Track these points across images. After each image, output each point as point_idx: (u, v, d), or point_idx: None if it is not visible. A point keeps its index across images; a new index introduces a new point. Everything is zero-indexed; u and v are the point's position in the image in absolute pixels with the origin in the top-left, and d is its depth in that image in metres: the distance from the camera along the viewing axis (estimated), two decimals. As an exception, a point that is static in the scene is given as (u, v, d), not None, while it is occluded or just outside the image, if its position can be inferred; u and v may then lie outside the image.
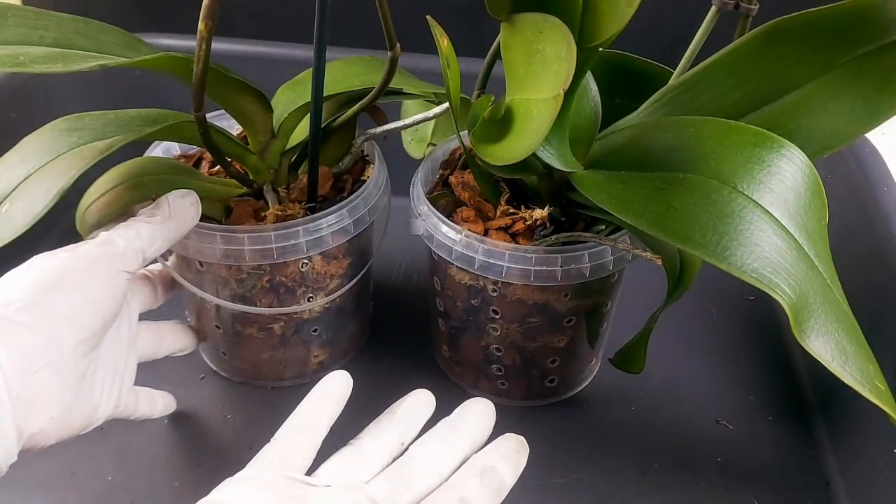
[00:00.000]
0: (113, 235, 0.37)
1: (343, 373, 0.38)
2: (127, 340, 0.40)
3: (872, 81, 0.37)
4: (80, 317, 0.34)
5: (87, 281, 0.35)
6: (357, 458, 0.35)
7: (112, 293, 0.36)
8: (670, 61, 0.45)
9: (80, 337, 0.34)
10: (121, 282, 0.37)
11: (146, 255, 0.38)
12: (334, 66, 0.49)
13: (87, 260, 0.36)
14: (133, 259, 0.37)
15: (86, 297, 0.35)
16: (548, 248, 0.43)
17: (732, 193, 0.33)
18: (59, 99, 0.65)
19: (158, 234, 0.39)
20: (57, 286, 0.34)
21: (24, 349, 0.32)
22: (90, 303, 0.35)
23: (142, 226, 0.38)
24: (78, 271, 0.35)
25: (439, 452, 0.35)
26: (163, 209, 0.39)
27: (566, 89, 0.34)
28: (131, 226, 0.38)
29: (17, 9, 0.37)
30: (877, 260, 0.51)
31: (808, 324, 0.31)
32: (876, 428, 0.46)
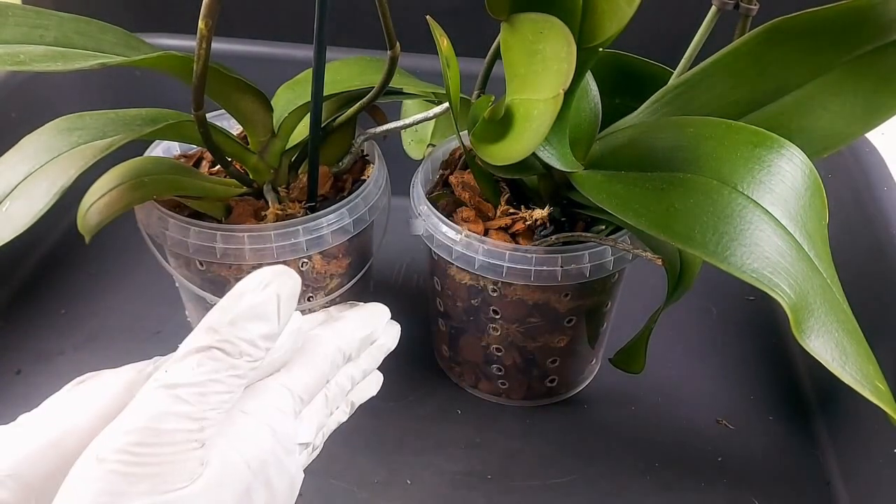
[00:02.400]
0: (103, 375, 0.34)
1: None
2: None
3: (872, 81, 0.37)
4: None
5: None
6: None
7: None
8: (670, 61, 0.45)
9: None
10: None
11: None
12: (334, 66, 0.49)
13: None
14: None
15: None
16: (548, 248, 0.43)
17: (733, 193, 0.33)
18: (59, 98, 0.65)
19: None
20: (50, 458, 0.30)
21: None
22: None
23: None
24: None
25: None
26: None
27: (566, 89, 0.34)
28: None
29: (18, 8, 0.37)
30: (877, 260, 0.51)
31: (808, 324, 0.31)
32: (876, 428, 0.46)
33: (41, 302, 0.59)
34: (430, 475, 0.48)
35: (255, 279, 0.31)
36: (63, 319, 0.57)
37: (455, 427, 0.51)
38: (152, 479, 0.27)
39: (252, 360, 0.30)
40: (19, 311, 0.58)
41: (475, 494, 0.47)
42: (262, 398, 0.31)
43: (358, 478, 0.47)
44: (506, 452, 0.49)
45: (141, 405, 0.28)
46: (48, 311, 0.58)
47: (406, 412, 0.52)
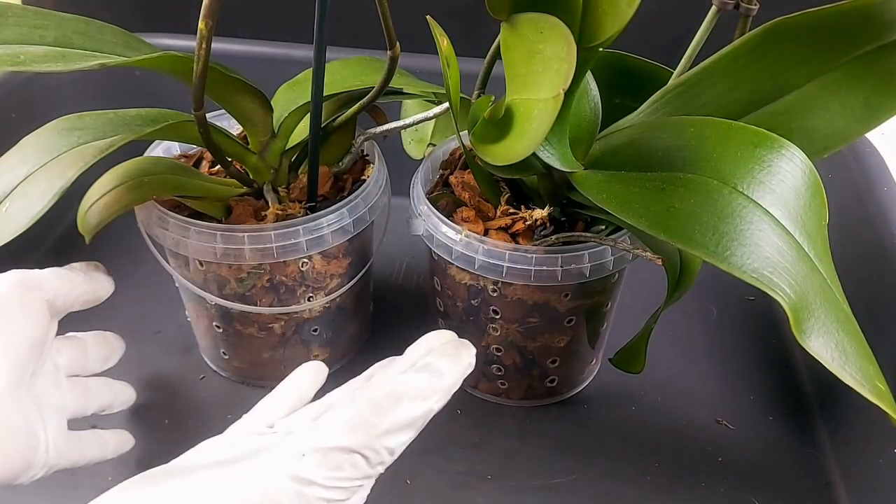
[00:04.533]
0: (26, 271, 0.38)
1: (317, 363, 0.38)
2: (56, 388, 0.39)
3: (872, 82, 0.37)
4: (4, 337, 0.34)
5: (5, 301, 0.35)
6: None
7: (33, 315, 0.36)
8: (670, 61, 0.45)
9: (8, 357, 0.34)
10: (41, 306, 0.37)
11: (58, 293, 0.38)
12: (334, 66, 0.49)
13: (9, 284, 0.36)
14: (49, 293, 0.37)
15: (5, 316, 0.35)
16: (548, 248, 0.43)
17: (733, 193, 0.33)
18: (59, 99, 0.65)
19: (74, 283, 0.39)
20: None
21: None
22: (12, 325, 0.35)
23: (55, 271, 0.39)
24: (5, 291, 0.36)
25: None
26: (78, 269, 0.41)
27: (566, 89, 0.33)
28: (49, 269, 0.39)
29: (18, 8, 0.37)
30: (877, 260, 0.51)
31: (808, 324, 0.31)
32: (876, 428, 0.46)
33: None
34: (430, 475, 0.48)
35: (415, 388, 0.30)
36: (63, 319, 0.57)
37: (455, 427, 0.51)
38: None
39: (384, 468, 0.29)
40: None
41: (475, 494, 0.47)
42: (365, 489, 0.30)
43: (358, 478, 0.47)
44: (505, 452, 0.49)
45: (269, 491, 0.26)
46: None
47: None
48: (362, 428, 0.28)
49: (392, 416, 0.28)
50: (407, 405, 0.29)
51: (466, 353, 0.34)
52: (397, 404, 0.29)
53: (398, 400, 0.29)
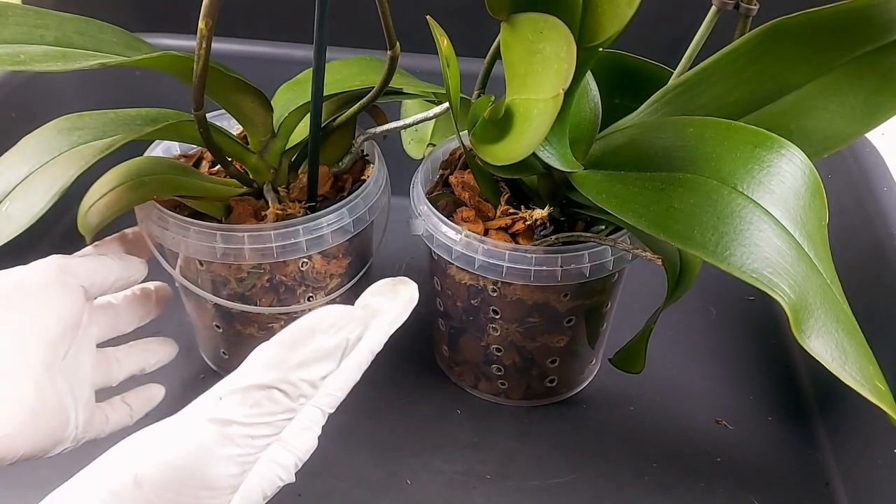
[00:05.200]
0: (64, 255, 0.39)
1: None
2: (88, 365, 0.40)
3: (872, 82, 0.37)
4: (42, 320, 0.35)
5: (44, 286, 0.36)
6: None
7: (69, 300, 0.37)
8: (670, 61, 0.45)
9: (44, 339, 0.35)
10: (77, 291, 0.38)
11: (94, 278, 0.39)
12: (334, 66, 0.49)
13: (41, 269, 0.37)
14: (84, 278, 0.38)
15: (44, 300, 0.36)
16: (548, 248, 0.43)
17: (732, 194, 0.33)
18: (59, 99, 0.65)
19: (109, 268, 0.40)
20: (16, 293, 0.35)
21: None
22: (49, 308, 0.36)
23: (90, 257, 0.40)
24: (34, 279, 0.37)
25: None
26: (115, 255, 0.42)
27: (566, 89, 0.34)
28: (86, 255, 0.40)
29: (18, 8, 0.37)
30: (877, 260, 0.51)
31: (808, 324, 0.31)
32: (876, 428, 0.46)
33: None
34: (430, 475, 0.48)
35: (328, 320, 0.30)
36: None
37: (454, 427, 0.51)
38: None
39: (307, 400, 0.29)
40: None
41: (474, 494, 0.47)
42: (298, 426, 0.30)
43: (357, 478, 0.47)
44: (505, 452, 0.49)
45: (189, 435, 0.27)
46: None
47: (405, 412, 0.52)
48: (275, 364, 0.28)
49: (305, 349, 0.29)
50: (320, 337, 0.29)
51: (405, 289, 0.35)
52: (310, 337, 0.29)
53: (311, 333, 0.29)
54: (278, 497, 0.46)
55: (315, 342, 0.29)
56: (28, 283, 0.36)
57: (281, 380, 0.28)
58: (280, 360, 0.28)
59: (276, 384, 0.28)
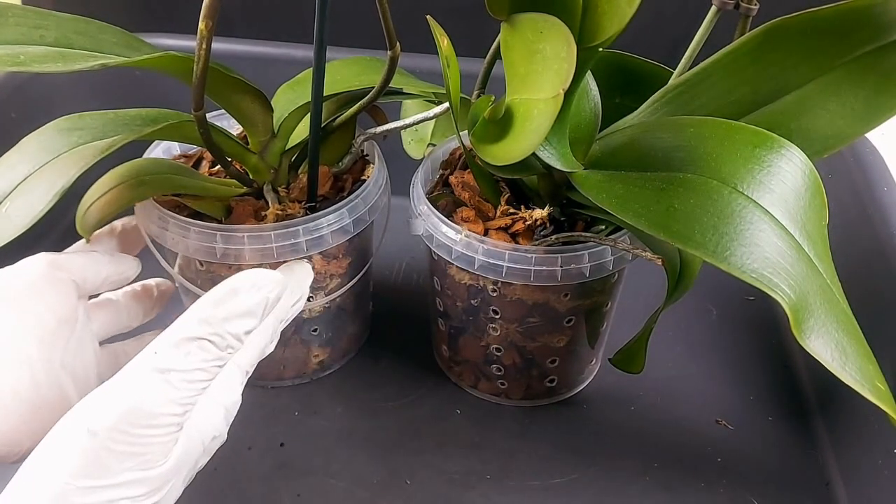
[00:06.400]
0: (53, 253, 0.39)
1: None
2: (89, 357, 0.40)
3: (872, 82, 0.37)
4: (35, 315, 0.36)
5: (35, 282, 0.37)
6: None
7: (62, 294, 0.38)
8: (670, 61, 0.45)
9: (40, 334, 0.36)
10: (69, 285, 0.38)
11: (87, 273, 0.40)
12: (334, 66, 0.49)
13: (30, 266, 0.38)
14: (77, 272, 0.39)
15: (35, 296, 0.37)
16: (548, 248, 0.43)
17: (733, 193, 0.33)
18: (59, 99, 0.65)
19: (102, 264, 0.41)
20: (7, 290, 0.36)
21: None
22: (43, 304, 0.37)
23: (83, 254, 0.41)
24: (24, 276, 0.37)
25: None
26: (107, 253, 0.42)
27: (566, 89, 0.34)
28: (76, 252, 0.41)
29: (18, 8, 0.37)
30: (877, 260, 0.51)
31: (808, 324, 0.31)
32: (876, 428, 0.46)
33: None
34: (430, 475, 0.48)
35: (250, 280, 0.34)
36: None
37: (454, 427, 0.51)
38: (138, 457, 0.30)
39: (234, 351, 0.33)
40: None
41: (474, 494, 0.47)
42: (220, 380, 0.34)
43: (357, 477, 0.47)
44: (505, 452, 0.49)
45: (134, 384, 0.31)
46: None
47: (405, 412, 0.52)
48: (205, 319, 0.32)
49: (229, 306, 0.33)
50: (242, 296, 0.34)
51: (298, 266, 0.42)
52: (234, 296, 0.33)
53: (234, 293, 0.34)
54: (276, 494, 0.46)
55: (238, 300, 0.33)
56: (18, 280, 0.37)
57: (210, 333, 0.32)
58: (209, 315, 0.33)
59: (207, 336, 0.32)
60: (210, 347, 0.32)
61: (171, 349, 0.32)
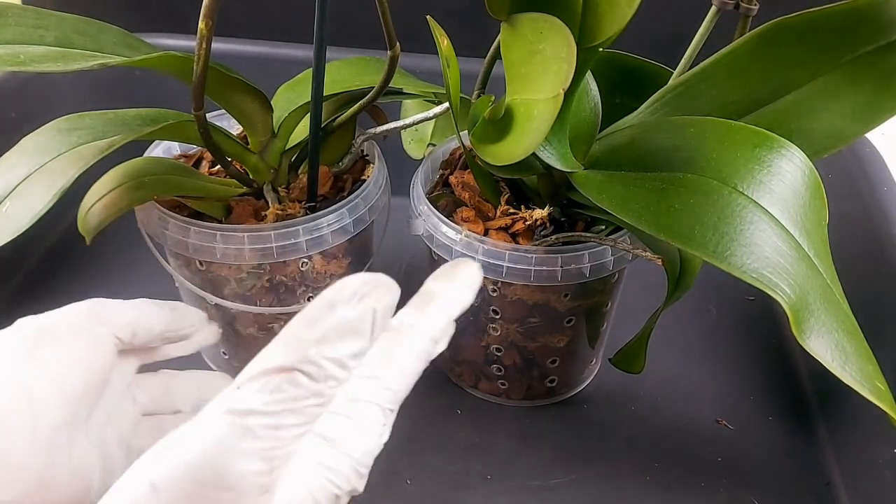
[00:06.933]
0: (104, 300, 0.34)
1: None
2: (125, 425, 0.34)
3: (872, 82, 0.37)
4: (60, 374, 0.30)
5: (69, 334, 0.32)
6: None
7: (95, 352, 0.32)
8: (670, 61, 0.45)
9: (62, 396, 0.30)
10: (107, 344, 0.32)
11: (137, 325, 0.34)
12: (334, 66, 0.49)
13: (71, 315, 0.32)
14: (122, 325, 0.33)
15: (64, 354, 0.31)
16: (548, 248, 0.43)
17: (733, 193, 0.33)
18: (59, 99, 0.65)
19: (156, 315, 0.34)
20: (38, 342, 0.31)
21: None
22: (71, 358, 0.31)
23: (140, 302, 0.35)
24: (60, 326, 0.32)
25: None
26: (169, 304, 0.36)
27: (566, 89, 0.34)
28: (132, 301, 0.34)
29: (18, 8, 0.37)
30: (877, 260, 0.51)
31: (808, 324, 0.31)
32: (876, 428, 0.46)
33: (41, 302, 0.59)
34: (430, 475, 0.48)
35: (349, 289, 0.27)
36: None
37: (455, 427, 0.51)
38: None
39: (338, 383, 0.26)
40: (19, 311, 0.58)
41: (474, 494, 0.47)
42: (348, 421, 0.26)
43: (358, 478, 0.47)
44: (505, 453, 0.49)
45: (203, 432, 0.24)
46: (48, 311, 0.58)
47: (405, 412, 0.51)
48: (294, 343, 0.25)
49: (324, 323, 0.25)
50: (340, 309, 0.26)
51: (464, 268, 0.30)
52: (330, 311, 0.26)
53: (331, 306, 0.26)
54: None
55: (336, 315, 0.26)
56: (53, 331, 0.32)
57: (301, 360, 0.25)
58: (298, 338, 0.25)
59: (297, 365, 0.25)
60: (304, 381, 0.25)
61: (254, 384, 0.24)
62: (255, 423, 0.24)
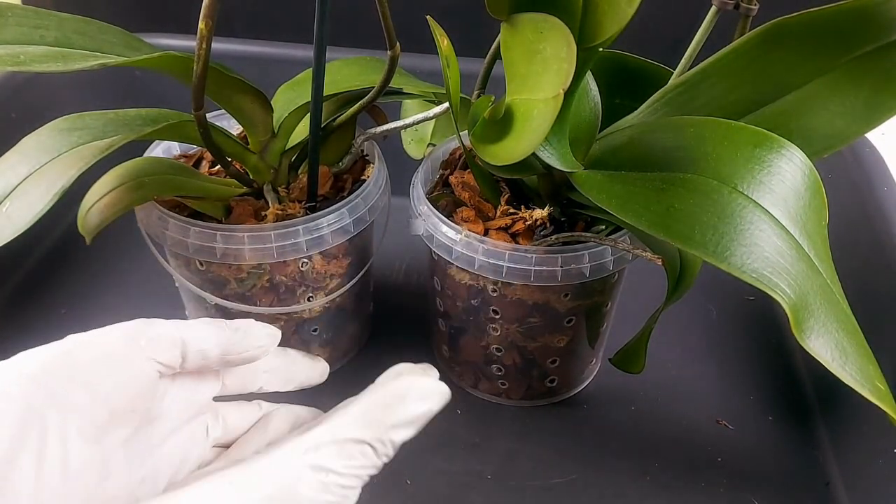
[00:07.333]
0: (154, 320, 0.33)
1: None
2: (160, 466, 0.33)
3: (872, 82, 0.37)
4: (79, 402, 0.29)
5: (100, 359, 0.30)
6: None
7: (128, 380, 0.31)
8: (670, 61, 0.45)
9: (76, 426, 0.29)
10: (145, 369, 0.31)
11: (187, 349, 0.32)
12: (334, 66, 0.49)
13: (109, 336, 0.31)
14: (166, 348, 0.32)
15: (92, 379, 0.30)
16: (548, 248, 0.43)
17: (733, 193, 0.33)
18: (59, 99, 0.65)
19: (211, 336, 0.33)
20: (64, 365, 0.30)
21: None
22: (95, 387, 0.30)
23: (193, 321, 0.33)
24: (94, 348, 0.31)
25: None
26: (232, 322, 0.34)
27: (566, 89, 0.34)
28: (181, 321, 0.33)
29: (17, 8, 0.37)
30: (877, 260, 0.51)
31: (808, 324, 0.31)
32: (876, 428, 0.46)
33: (41, 302, 0.59)
34: (430, 475, 0.48)
35: (419, 390, 0.32)
36: (63, 319, 0.57)
37: (455, 427, 0.51)
38: None
39: (388, 460, 0.30)
40: (19, 311, 0.58)
41: (474, 494, 0.47)
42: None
43: (358, 478, 0.47)
44: (505, 453, 0.49)
45: (288, 477, 0.27)
46: (48, 311, 0.58)
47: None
48: (373, 422, 0.30)
49: (398, 413, 0.30)
50: (410, 404, 0.31)
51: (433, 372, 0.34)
52: (402, 402, 0.31)
53: (403, 399, 0.31)
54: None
55: (406, 408, 0.31)
56: (85, 352, 0.30)
57: (375, 438, 0.30)
58: (377, 419, 0.30)
59: (371, 441, 0.29)
60: (371, 454, 0.29)
61: (334, 448, 0.28)
62: (330, 481, 0.28)
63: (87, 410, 0.29)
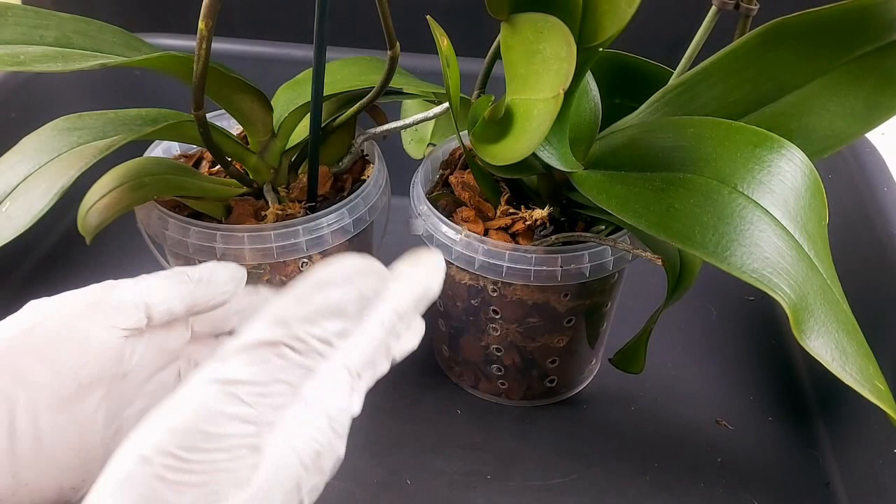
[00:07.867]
0: (115, 282, 0.32)
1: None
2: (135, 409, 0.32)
3: (872, 82, 0.37)
4: (45, 379, 0.29)
5: (63, 333, 0.30)
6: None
7: (92, 351, 0.30)
8: (670, 61, 0.45)
9: (44, 401, 0.29)
10: (109, 338, 0.31)
11: (152, 311, 0.32)
12: (334, 66, 0.49)
13: (71, 308, 0.31)
14: (130, 314, 0.31)
15: (56, 356, 0.30)
16: (548, 248, 0.43)
17: (733, 194, 0.33)
18: (59, 99, 0.65)
19: (174, 293, 0.32)
20: (27, 343, 0.29)
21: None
22: (59, 363, 0.29)
23: (155, 279, 0.32)
24: (55, 322, 0.30)
25: None
26: (194, 271, 0.33)
27: (566, 89, 0.34)
28: (143, 278, 0.32)
29: (18, 8, 0.37)
30: (877, 260, 0.51)
31: (808, 324, 0.31)
32: (876, 428, 0.46)
33: (41, 302, 0.59)
34: (430, 475, 0.48)
35: (339, 272, 0.28)
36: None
37: (454, 427, 0.51)
38: (199, 488, 0.24)
39: (323, 359, 0.27)
40: (19, 311, 0.58)
41: (474, 495, 0.47)
42: (320, 382, 0.27)
43: (357, 478, 0.47)
44: (505, 453, 0.49)
45: (190, 399, 0.25)
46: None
47: (405, 412, 0.52)
48: (282, 320, 0.26)
49: (312, 303, 0.27)
50: (329, 290, 0.27)
51: (428, 256, 0.33)
52: (319, 291, 0.27)
53: (320, 288, 0.27)
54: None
55: (324, 296, 0.27)
56: (46, 330, 0.30)
57: (289, 336, 0.26)
58: (287, 315, 0.26)
59: (284, 340, 0.26)
60: (290, 354, 0.26)
61: (241, 357, 0.26)
62: (242, 391, 0.25)
63: (55, 386, 0.29)
